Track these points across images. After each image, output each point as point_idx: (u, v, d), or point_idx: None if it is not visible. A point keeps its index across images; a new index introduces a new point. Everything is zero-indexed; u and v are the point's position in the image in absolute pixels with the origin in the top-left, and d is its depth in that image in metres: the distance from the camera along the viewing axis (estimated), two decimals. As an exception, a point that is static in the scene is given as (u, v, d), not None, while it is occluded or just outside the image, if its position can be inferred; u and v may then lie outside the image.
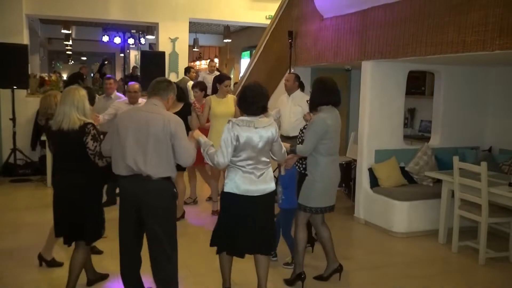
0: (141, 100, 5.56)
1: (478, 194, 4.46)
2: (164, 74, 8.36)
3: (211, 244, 3.42)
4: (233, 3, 9.77)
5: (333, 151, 3.77)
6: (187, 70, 9.12)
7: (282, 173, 3.96)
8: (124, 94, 8.17)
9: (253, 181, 3.26)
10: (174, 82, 3.54)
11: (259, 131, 3.23)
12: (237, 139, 3.19)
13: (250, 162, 3.25)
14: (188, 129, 4.21)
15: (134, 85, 5.77)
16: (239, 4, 9.80)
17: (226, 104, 5.46)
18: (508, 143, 5.75)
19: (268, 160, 3.38)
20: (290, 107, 5.40)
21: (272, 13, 8.68)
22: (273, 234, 3.56)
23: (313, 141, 3.65)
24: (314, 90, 3.88)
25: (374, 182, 5.57)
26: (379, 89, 5.59)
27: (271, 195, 3.38)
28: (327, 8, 6.27)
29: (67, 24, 12.50)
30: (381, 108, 5.61)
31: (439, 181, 5.19)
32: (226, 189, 3.30)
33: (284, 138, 4.95)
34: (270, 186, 3.34)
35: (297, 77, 5.52)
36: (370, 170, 5.60)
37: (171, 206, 3.18)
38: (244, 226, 3.30)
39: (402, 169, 5.60)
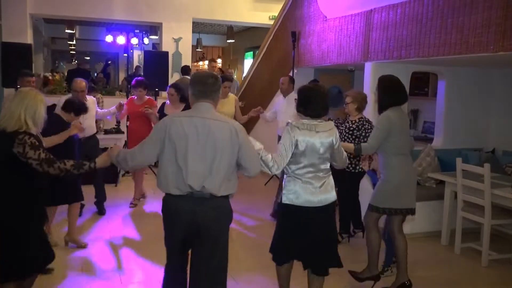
0: (88, 98, 5.31)
1: (481, 196, 4.45)
2: (167, 74, 8.38)
3: (273, 259, 3.21)
4: (236, 3, 9.79)
5: (403, 150, 3.67)
6: (186, 70, 8.93)
7: (379, 176, 3.86)
8: (127, 94, 8.21)
9: (314, 192, 3.02)
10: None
11: (321, 135, 3.01)
12: (296, 145, 2.97)
13: (310, 169, 3.02)
14: None
15: (81, 82, 5.15)
16: (242, 5, 9.81)
17: (228, 104, 5.57)
18: (511, 145, 5.74)
19: (329, 167, 3.14)
20: (285, 108, 5.69)
21: (276, 14, 8.70)
22: (333, 249, 3.21)
23: (377, 138, 3.62)
24: (381, 91, 3.75)
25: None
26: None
27: (333, 206, 3.13)
28: (331, 9, 6.27)
29: (71, 23, 12.54)
30: (384, 109, 5.59)
31: (442, 183, 5.18)
32: (284, 200, 3.05)
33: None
34: (332, 195, 3.10)
35: (292, 79, 5.96)
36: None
37: (227, 227, 2.80)
38: (302, 240, 3.07)
39: (405, 170, 5.58)
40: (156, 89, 7.87)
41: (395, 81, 3.74)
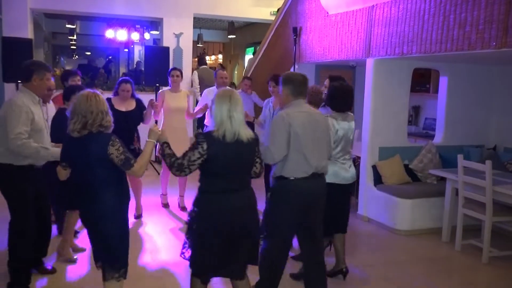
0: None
1: (482, 193, 4.44)
2: (167, 70, 8.36)
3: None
4: (237, -1, 9.76)
5: None
6: (203, 60, 9.73)
7: None
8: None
9: (347, 170, 3.80)
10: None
11: (351, 124, 3.81)
12: (337, 132, 3.70)
13: (342, 153, 3.79)
14: None
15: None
16: (243, 0, 9.77)
17: (181, 98, 5.71)
18: (513, 142, 5.73)
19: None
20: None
21: (277, 9, 8.66)
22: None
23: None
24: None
25: (377, 179, 5.55)
26: (383, 86, 5.56)
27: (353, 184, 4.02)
28: (332, 4, 6.24)
29: (71, 18, 12.51)
30: (385, 105, 5.59)
31: (443, 179, 5.18)
32: (328, 180, 3.46)
33: None
34: (354, 175, 3.89)
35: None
36: (374, 168, 5.59)
37: None
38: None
39: (406, 166, 5.58)
40: (157, 85, 7.85)
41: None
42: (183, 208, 5.76)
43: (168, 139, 2.87)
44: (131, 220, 5.34)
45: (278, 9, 8.38)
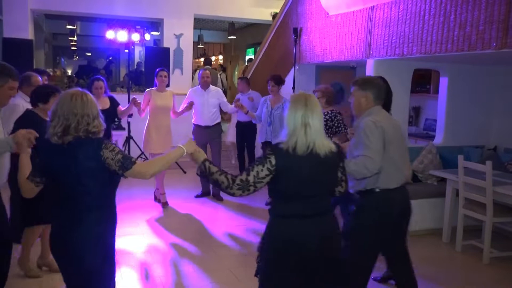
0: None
1: (482, 193, 4.44)
2: (168, 71, 8.37)
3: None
4: (238, -1, 9.76)
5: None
6: (209, 61, 10.34)
7: None
8: (128, 90, 8.21)
9: None
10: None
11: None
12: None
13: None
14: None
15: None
16: (244, 1, 9.77)
17: (167, 98, 5.92)
18: (513, 142, 5.73)
19: None
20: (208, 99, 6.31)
21: (277, 10, 8.66)
22: None
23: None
24: None
25: (378, 180, 5.54)
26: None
27: None
28: (332, 5, 6.25)
29: (72, 19, 12.50)
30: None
31: (443, 180, 5.17)
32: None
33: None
34: None
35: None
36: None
37: None
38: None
39: (406, 167, 5.57)
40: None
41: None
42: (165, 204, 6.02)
43: (205, 155, 2.45)
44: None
45: (275, 15, 8.39)
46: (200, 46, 14.30)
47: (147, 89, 6.00)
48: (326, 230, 2.36)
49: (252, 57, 12.23)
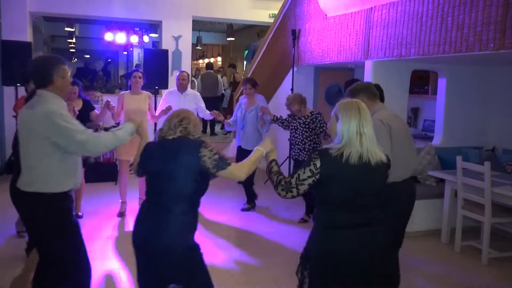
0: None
1: (481, 194, 4.45)
2: (167, 73, 8.37)
3: None
4: (236, 1, 9.76)
5: None
6: (211, 66, 10.86)
7: None
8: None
9: None
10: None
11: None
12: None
13: None
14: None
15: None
16: (242, 2, 9.79)
17: (143, 100, 5.73)
18: (511, 143, 5.74)
19: None
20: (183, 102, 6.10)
21: (276, 12, 8.68)
22: None
23: None
24: None
25: (376, 181, 5.55)
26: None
27: None
28: (331, 6, 6.25)
29: (70, 21, 12.52)
30: (384, 107, 5.59)
31: (442, 181, 5.18)
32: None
33: None
34: None
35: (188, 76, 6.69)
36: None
37: None
38: None
39: (405, 168, 5.58)
40: (156, 87, 7.86)
41: None
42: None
43: (276, 156, 2.54)
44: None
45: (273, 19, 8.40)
46: (198, 48, 14.33)
47: (121, 92, 5.77)
48: (377, 241, 2.26)
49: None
